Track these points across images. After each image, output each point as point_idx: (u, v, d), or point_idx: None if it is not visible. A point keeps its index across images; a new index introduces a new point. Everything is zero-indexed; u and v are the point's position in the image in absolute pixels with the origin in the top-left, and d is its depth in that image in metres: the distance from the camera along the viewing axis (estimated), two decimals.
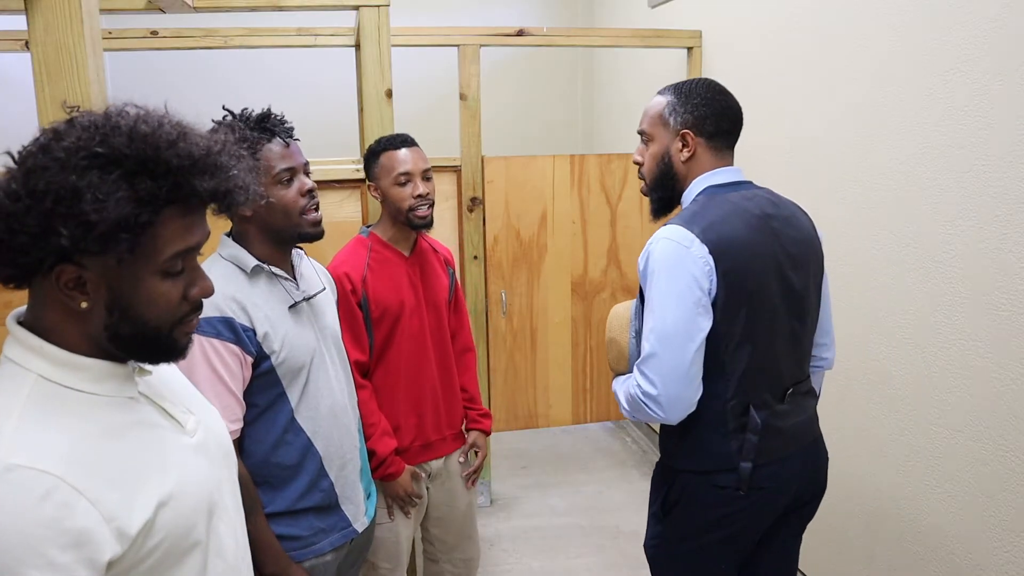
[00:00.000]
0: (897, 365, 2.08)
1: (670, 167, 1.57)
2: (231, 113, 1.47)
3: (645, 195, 1.64)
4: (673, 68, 3.38)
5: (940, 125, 1.88)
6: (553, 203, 3.01)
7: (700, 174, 1.55)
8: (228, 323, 1.38)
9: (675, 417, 1.43)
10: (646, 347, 1.42)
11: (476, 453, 2.12)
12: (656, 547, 1.63)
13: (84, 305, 0.78)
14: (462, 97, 2.86)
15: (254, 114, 1.47)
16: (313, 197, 1.49)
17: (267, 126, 1.46)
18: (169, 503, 0.81)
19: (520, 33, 2.89)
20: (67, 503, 0.72)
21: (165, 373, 0.95)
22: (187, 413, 0.92)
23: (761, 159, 2.60)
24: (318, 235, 1.51)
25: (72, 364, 0.80)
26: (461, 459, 2.09)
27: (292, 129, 1.51)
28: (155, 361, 0.86)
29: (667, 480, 1.58)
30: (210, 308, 1.37)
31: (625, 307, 1.65)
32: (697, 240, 1.42)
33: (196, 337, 1.33)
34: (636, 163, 1.63)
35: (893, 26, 2.02)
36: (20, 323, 0.82)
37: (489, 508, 3.30)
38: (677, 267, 1.41)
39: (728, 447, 1.49)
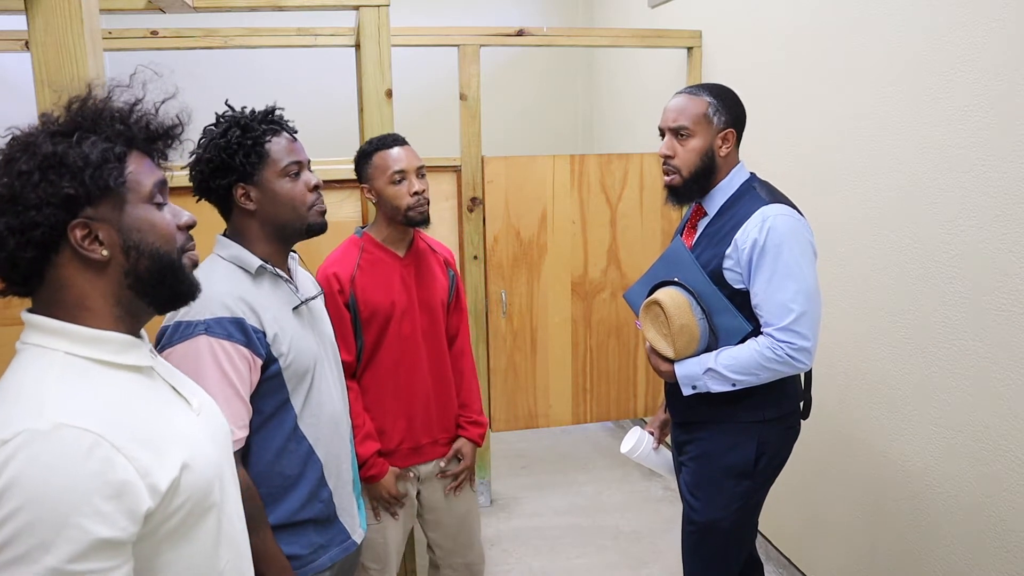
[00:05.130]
0: (897, 365, 2.08)
1: (712, 161, 1.73)
2: (232, 108, 1.46)
3: (674, 185, 1.77)
4: (673, 68, 3.38)
5: (940, 125, 1.88)
6: (553, 203, 3.01)
7: (732, 166, 1.76)
8: (239, 324, 1.34)
9: (812, 362, 1.64)
10: (795, 308, 1.59)
11: (459, 460, 2.02)
12: (738, 510, 1.77)
13: (105, 253, 0.87)
14: (462, 97, 2.86)
15: (258, 111, 1.46)
16: (319, 194, 1.48)
17: (272, 119, 1.45)
18: (191, 465, 0.89)
19: (520, 33, 2.89)
20: (108, 458, 0.79)
21: (167, 364, 1.04)
22: (192, 395, 1.01)
23: (761, 159, 2.60)
24: (324, 227, 1.49)
25: (95, 338, 0.88)
26: (442, 463, 2.00)
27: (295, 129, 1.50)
28: (174, 301, 0.96)
29: (751, 438, 1.74)
30: (220, 308, 1.34)
31: (671, 296, 1.69)
32: (798, 214, 1.66)
33: (206, 338, 1.31)
34: (665, 156, 1.76)
35: (893, 26, 2.03)
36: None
37: (489, 508, 3.30)
38: (800, 236, 1.63)
39: (798, 386, 1.80)
